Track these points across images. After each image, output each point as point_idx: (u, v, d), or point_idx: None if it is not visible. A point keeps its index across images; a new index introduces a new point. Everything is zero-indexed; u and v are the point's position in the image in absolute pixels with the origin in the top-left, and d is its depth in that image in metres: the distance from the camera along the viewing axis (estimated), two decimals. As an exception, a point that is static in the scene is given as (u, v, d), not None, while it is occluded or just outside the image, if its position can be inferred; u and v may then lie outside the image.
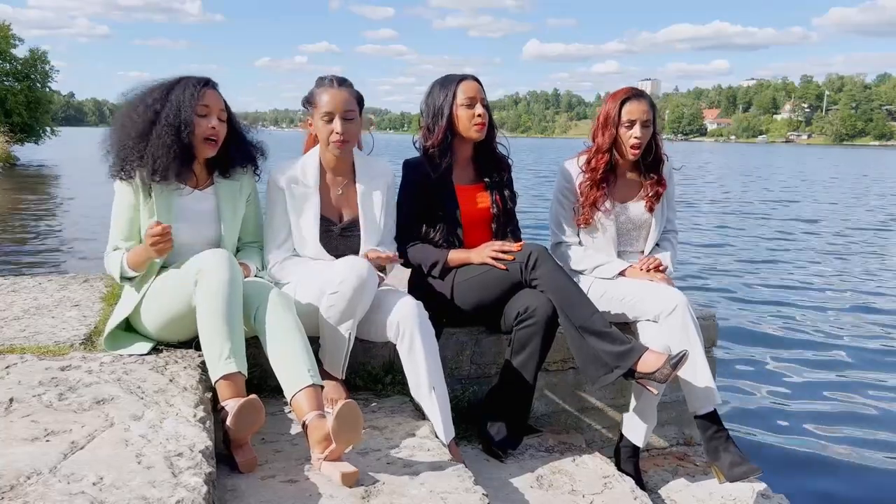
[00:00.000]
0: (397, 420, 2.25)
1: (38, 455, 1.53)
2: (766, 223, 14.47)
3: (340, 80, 2.45)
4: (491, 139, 2.71)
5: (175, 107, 2.23)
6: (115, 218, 2.31)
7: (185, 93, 2.25)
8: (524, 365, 2.42)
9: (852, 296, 7.89)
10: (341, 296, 2.16)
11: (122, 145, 2.26)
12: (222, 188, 2.44)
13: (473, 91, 2.61)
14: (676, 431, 3.08)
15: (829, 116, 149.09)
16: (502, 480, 2.30)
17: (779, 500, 2.63)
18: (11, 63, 33.53)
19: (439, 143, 2.62)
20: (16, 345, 2.29)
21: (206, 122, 2.27)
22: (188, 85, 2.27)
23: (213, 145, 2.32)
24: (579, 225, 2.80)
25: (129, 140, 2.25)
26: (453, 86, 2.62)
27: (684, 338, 2.41)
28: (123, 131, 2.27)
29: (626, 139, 2.69)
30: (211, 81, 2.33)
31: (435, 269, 2.59)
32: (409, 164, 2.70)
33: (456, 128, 2.63)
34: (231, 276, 2.04)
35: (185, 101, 2.24)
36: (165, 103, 2.24)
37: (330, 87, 2.41)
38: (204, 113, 2.27)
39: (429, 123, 2.66)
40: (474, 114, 2.60)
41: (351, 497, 1.72)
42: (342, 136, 2.38)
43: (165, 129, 2.22)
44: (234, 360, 1.95)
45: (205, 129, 2.27)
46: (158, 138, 2.22)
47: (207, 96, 2.28)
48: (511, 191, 2.78)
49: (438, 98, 2.63)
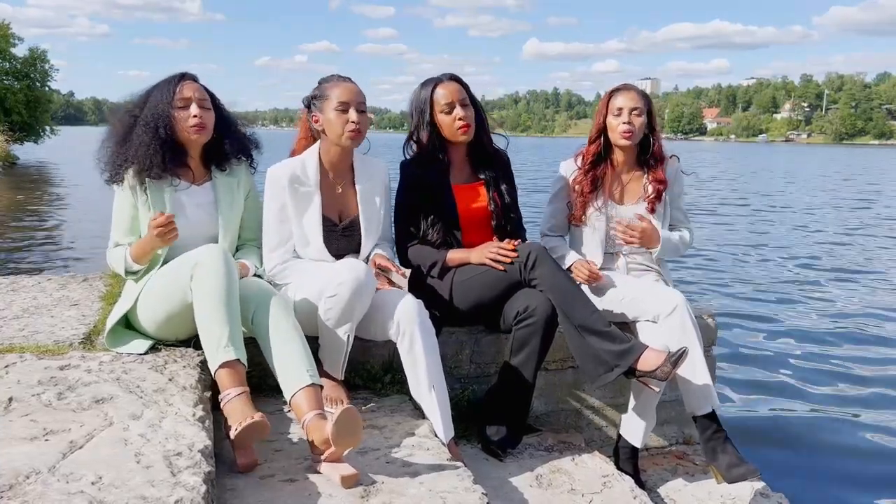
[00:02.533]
0: (396, 419, 2.25)
1: (36, 454, 1.53)
2: (769, 221, 14.48)
3: (347, 77, 2.47)
4: (483, 137, 2.70)
5: (152, 106, 2.32)
6: (115, 216, 2.37)
7: (160, 92, 2.33)
8: (524, 364, 2.42)
9: (853, 294, 7.89)
10: (339, 298, 2.16)
11: (109, 153, 2.36)
12: (220, 183, 2.46)
13: (450, 95, 2.59)
14: (676, 430, 3.08)
15: (828, 116, 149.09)
16: (501, 479, 2.30)
17: (778, 499, 2.63)
18: (11, 62, 33.50)
19: (428, 150, 2.63)
20: (15, 344, 2.29)
21: (188, 112, 2.32)
22: (164, 83, 2.35)
23: (202, 131, 2.35)
24: (571, 222, 2.82)
25: (114, 147, 2.35)
26: (429, 91, 2.61)
27: (683, 338, 2.41)
28: (109, 140, 2.37)
29: (615, 127, 2.70)
30: (187, 74, 2.39)
31: (434, 270, 2.59)
32: (406, 165, 2.70)
33: (441, 133, 2.62)
34: (227, 268, 2.04)
35: (160, 99, 2.31)
36: (144, 106, 2.33)
37: (341, 80, 2.44)
38: (183, 105, 2.32)
39: (413, 133, 2.67)
40: (455, 117, 2.58)
41: (350, 496, 1.72)
42: (358, 125, 2.39)
43: (143, 128, 2.30)
44: (232, 348, 1.95)
45: (188, 119, 2.32)
46: (137, 138, 2.30)
47: (184, 89, 2.33)
48: (510, 185, 2.77)
49: (419, 106, 2.63)
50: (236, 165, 2.51)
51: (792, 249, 11.04)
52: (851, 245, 11.55)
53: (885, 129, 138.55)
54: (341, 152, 2.48)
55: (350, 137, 2.40)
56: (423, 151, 2.65)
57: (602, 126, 2.75)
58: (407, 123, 2.76)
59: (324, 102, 2.42)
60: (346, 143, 2.42)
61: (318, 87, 2.47)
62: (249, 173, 2.57)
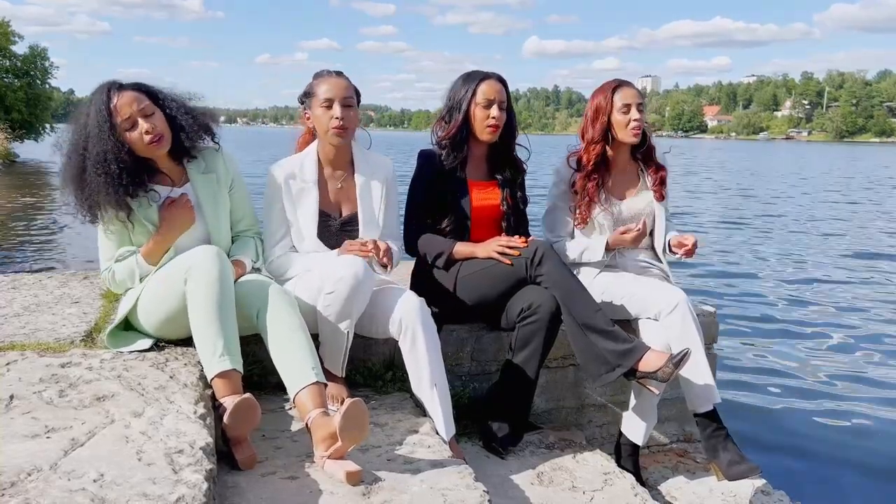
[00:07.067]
0: (398, 417, 2.25)
1: (38, 452, 1.53)
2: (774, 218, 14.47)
3: (337, 71, 2.46)
4: (508, 141, 2.71)
5: (94, 140, 2.12)
6: (103, 242, 2.30)
7: (97, 119, 2.12)
8: (526, 362, 2.42)
9: (856, 292, 7.88)
10: (337, 295, 2.16)
11: (74, 198, 2.21)
12: (199, 183, 2.37)
13: (493, 92, 2.60)
14: (677, 428, 3.08)
15: (829, 113, 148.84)
16: (503, 477, 2.30)
17: (779, 497, 2.64)
18: (11, 60, 33.47)
19: (453, 136, 2.62)
20: (16, 342, 2.29)
21: (137, 131, 2.17)
22: (93, 109, 2.14)
23: (161, 142, 2.22)
24: (577, 225, 2.78)
25: (74, 192, 2.20)
26: (475, 83, 2.62)
27: (685, 336, 2.41)
28: (68, 185, 2.21)
29: (624, 124, 2.67)
30: (114, 85, 2.18)
31: (439, 260, 2.59)
32: (423, 154, 2.70)
33: (471, 125, 2.62)
34: (220, 272, 2.02)
35: (101, 129, 2.12)
36: (88, 140, 2.14)
37: (328, 76, 2.42)
38: (129, 126, 2.16)
39: (445, 116, 2.66)
40: (489, 115, 2.59)
41: (352, 493, 1.72)
42: (342, 120, 2.36)
43: (94, 171, 2.13)
44: (228, 358, 1.95)
45: (140, 138, 2.17)
46: (92, 181, 2.14)
47: (120, 107, 2.14)
48: (523, 193, 2.79)
49: (459, 93, 2.64)
50: (208, 154, 2.41)
51: (793, 249, 11.03)
52: (854, 245, 11.53)
53: (886, 126, 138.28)
54: (336, 148, 2.46)
55: (335, 134, 2.38)
56: (447, 138, 2.64)
57: (606, 125, 2.70)
58: (407, 121, 2.76)
59: (312, 99, 2.42)
60: (333, 140, 2.41)
61: (308, 84, 2.47)
62: (226, 161, 2.44)
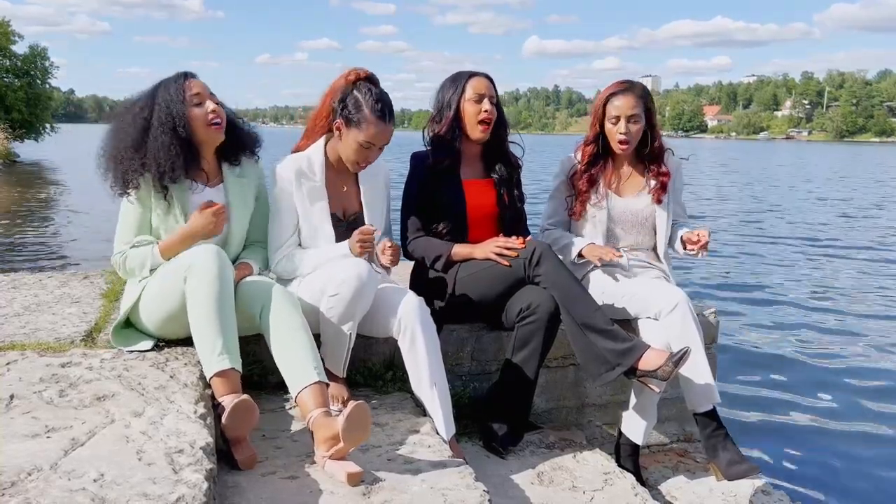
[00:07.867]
0: (398, 417, 2.25)
1: (38, 451, 1.53)
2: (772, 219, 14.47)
3: (391, 111, 2.36)
4: (500, 138, 2.70)
5: (164, 106, 2.20)
6: (124, 221, 2.27)
7: (169, 90, 2.22)
8: (526, 361, 2.42)
9: (857, 292, 7.88)
10: (341, 298, 2.16)
11: (118, 160, 2.21)
12: (232, 185, 2.40)
13: (483, 88, 2.61)
14: (677, 428, 3.08)
15: (829, 113, 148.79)
16: (503, 477, 2.30)
17: (779, 497, 2.64)
18: (11, 59, 33.48)
19: (445, 134, 2.62)
20: (16, 341, 2.29)
21: (203, 109, 2.25)
22: (170, 83, 2.24)
23: (220, 128, 2.29)
24: (572, 216, 2.80)
25: (125, 153, 2.19)
26: (463, 81, 2.62)
27: (685, 335, 2.41)
28: (117, 146, 2.22)
29: (612, 134, 2.69)
30: (190, 73, 2.30)
31: (438, 263, 2.59)
32: (416, 156, 2.70)
33: (462, 123, 2.62)
34: (220, 271, 2.02)
35: (172, 98, 2.20)
36: (154, 107, 2.21)
37: (381, 120, 2.31)
38: (197, 101, 2.24)
39: (435, 116, 2.66)
40: (480, 109, 2.59)
41: (352, 493, 1.72)
42: (369, 164, 2.42)
43: (160, 129, 2.18)
44: (226, 357, 1.95)
45: (205, 115, 2.25)
46: (156, 140, 2.17)
47: (193, 86, 2.25)
48: (520, 190, 2.79)
49: (448, 92, 2.64)
50: (246, 162, 2.45)
51: (794, 247, 11.03)
52: (857, 243, 11.53)
53: (886, 126, 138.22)
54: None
55: (355, 168, 2.43)
56: (438, 136, 2.64)
57: (599, 130, 2.72)
58: (407, 121, 2.76)
59: (354, 126, 2.32)
60: (352, 168, 2.43)
61: (358, 103, 2.31)
62: (260, 172, 2.51)
